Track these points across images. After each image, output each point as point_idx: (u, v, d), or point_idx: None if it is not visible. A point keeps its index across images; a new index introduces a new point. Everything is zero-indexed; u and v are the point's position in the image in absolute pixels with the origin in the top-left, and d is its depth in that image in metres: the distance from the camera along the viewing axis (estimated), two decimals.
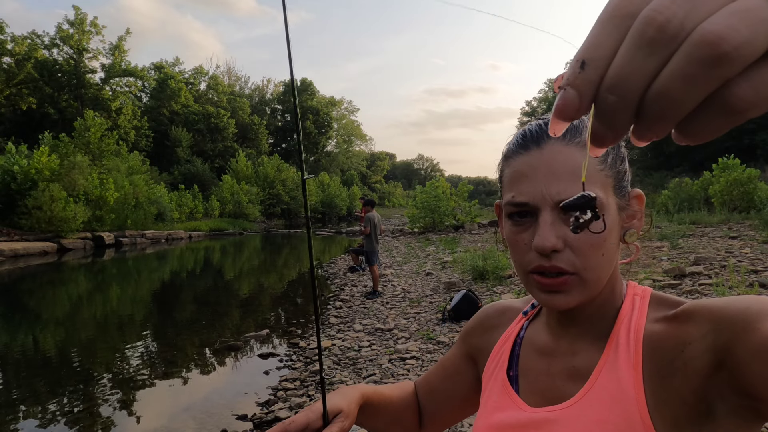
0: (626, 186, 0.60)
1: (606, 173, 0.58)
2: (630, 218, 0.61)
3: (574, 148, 0.57)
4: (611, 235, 0.57)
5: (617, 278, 0.62)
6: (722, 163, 14.66)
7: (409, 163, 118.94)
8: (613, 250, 0.58)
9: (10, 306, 9.36)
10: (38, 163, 18.86)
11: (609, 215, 0.57)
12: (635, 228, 0.61)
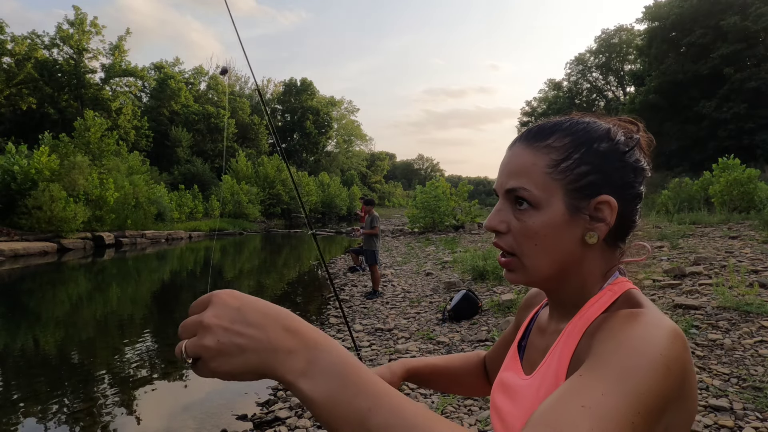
0: (590, 190, 0.64)
1: (554, 176, 0.64)
2: (595, 221, 0.65)
3: (531, 150, 0.66)
4: (555, 232, 0.64)
5: (589, 274, 0.68)
6: (722, 163, 14.65)
7: (409, 163, 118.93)
8: (556, 244, 0.64)
9: (10, 306, 9.36)
10: (38, 163, 18.86)
11: (547, 212, 0.64)
12: (598, 231, 0.64)
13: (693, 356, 3.77)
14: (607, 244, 0.68)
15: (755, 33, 22.16)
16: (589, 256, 0.67)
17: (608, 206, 0.64)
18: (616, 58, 44.80)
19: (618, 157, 0.66)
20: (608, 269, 0.69)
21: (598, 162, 0.65)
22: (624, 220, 0.68)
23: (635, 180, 0.67)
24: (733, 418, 2.85)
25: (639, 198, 0.69)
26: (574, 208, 0.64)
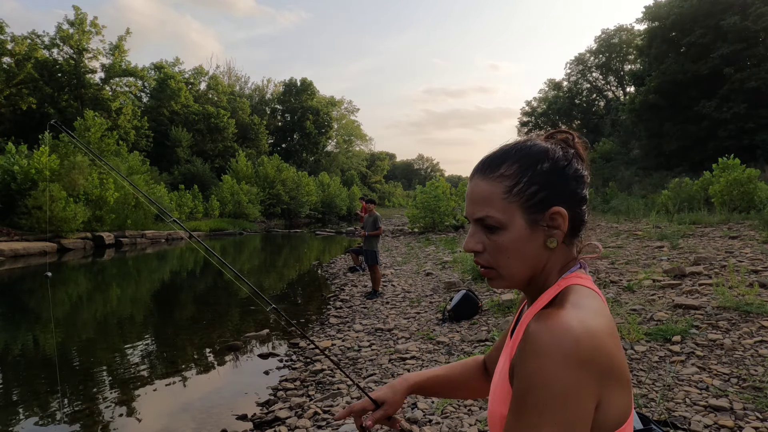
0: (542, 205, 0.77)
1: (510, 200, 0.76)
2: (552, 229, 0.77)
3: (487, 181, 0.78)
4: (520, 244, 0.77)
5: (550, 271, 0.80)
6: (722, 163, 14.64)
7: (409, 163, 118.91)
8: (524, 254, 0.77)
9: (10, 306, 9.36)
10: (38, 163, 18.85)
11: (512, 230, 0.76)
12: (556, 236, 0.77)
13: (693, 356, 3.77)
14: (564, 243, 0.80)
15: (755, 33, 22.14)
16: (551, 256, 0.79)
17: (560, 215, 0.76)
18: (616, 58, 44.76)
19: (559, 172, 0.78)
20: (564, 264, 0.81)
21: (543, 180, 0.77)
22: (575, 221, 0.80)
23: (578, 187, 0.79)
24: (733, 418, 2.85)
25: (584, 201, 0.81)
26: (533, 222, 0.77)
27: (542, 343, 0.64)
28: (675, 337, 4.13)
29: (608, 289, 6.17)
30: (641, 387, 3.39)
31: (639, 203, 18.24)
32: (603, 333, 0.67)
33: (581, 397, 0.62)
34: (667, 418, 2.89)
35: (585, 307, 0.71)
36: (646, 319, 4.77)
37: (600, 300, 0.76)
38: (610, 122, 39.97)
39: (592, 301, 0.73)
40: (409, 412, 3.52)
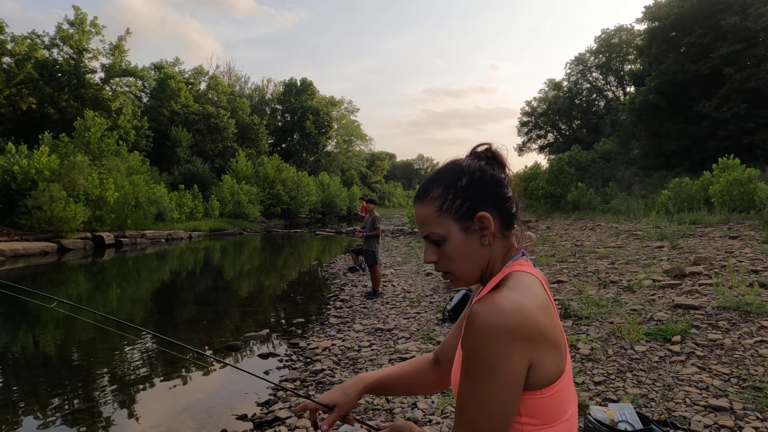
0: (469, 213, 0.92)
1: (443, 216, 0.93)
2: (482, 230, 0.92)
3: (423, 205, 0.96)
4: (463, 249, 0.93)
5: (494, 263, 0.95)
6: (722, 163, 14.64)
7: (409, 163, 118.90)
8: (467, 256, 0.93)
9: (10, 306, 9.36)
10: (38, 163, 18.85)
11: (452, 240, 0.93)
12: (487, 235, 0.92)
13: (693, 356, 3.77)
14: (500, 237, 0.95)
15: (755, 33, 22.12)
16: (491, 251, 0.94)
17: (485, 218, 0.92)
18: (616, 58, 44.75)
19: (476, 182, 0.94)
20: (505, 254, 0.96)
21: (465, 193, 0.93)
22: (503, 217, 0.95)
23: (496, 189, 0.95)
24: (733, 418, 2.85)
25: (507, 198, 0.96)
26: (465, 228, 0.93)
27: (478, 320, 0.79)
28: (675, 337, 4.13)
29: (608, 289, 6.17)
30: (641, 387, 3.39)
31: (639, 203, 18.24)
32: (531, 307, 0.81)
33: (512, 362, 0.78)
34: (667, 418, 2.89)
35: (518, 288, 0.86)
36: (646, 319, 4.77)
37: (536, 281, 0.90)
38: (610, 122, 39.94)
39: (527, 282, 0.88)
40: (409, 412, 3.52)
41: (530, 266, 0.94)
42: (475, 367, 0.79)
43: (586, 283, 6.67)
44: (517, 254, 0.97)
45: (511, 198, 0.97)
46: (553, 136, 53.41)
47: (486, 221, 0.91)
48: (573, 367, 3.83)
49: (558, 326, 0.87)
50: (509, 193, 0.96)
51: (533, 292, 0.86)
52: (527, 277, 0.90)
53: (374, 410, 3.71)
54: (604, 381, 3.54)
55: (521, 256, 0.96)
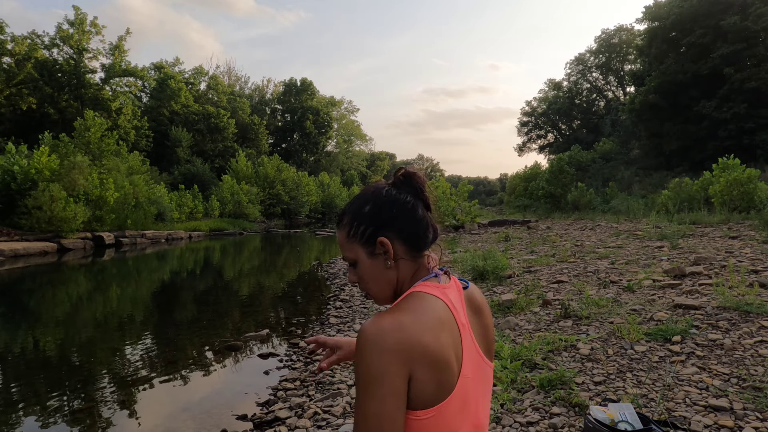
0: (372, 238, 0.98)
1: (351, 241, 1.00)
2: (384, 254, 0.98)
3: (339, 231, 1.04)
4: (371, 271, 1.01)
5: (402, 284, 1.01)
6: (722, 163, 14.64)
7: (409, 163, 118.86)
8: (376, 278, 1.01)
9: (10, 306, 9.36)
10: (38, 163, 18.85)
11: (362, 263, 1.01)
12: (389, 259, 0.98)
13: (693, 356, 3.77)
14: (409, 258, 0.99)
15: (755, 33, 22.13)
16: (398, 273, 1.00)
17: (385, 243, 0.97)
18: (616, 58, 44.77)
19: (379, 209, 0.99)
20: (414, 275, 1.00)
21: (368, 219, 0.99)
22: (410, 240, 0.99)
23: (401, 213, 0.98)
24: (733, 418, 2.85)
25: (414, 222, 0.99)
26: (370, 253, 0.99)
27: (361, 337, 0.85)
28: (675, 337, 4.13)
29: (608, 289, 6.17)
30: (641, 387, 3.39)
31: (639, 203, 18.25)
32: (413, 326, 0.85)
33: (390, 377, 0.82)
34: (667, 418, 2.89)
35: (407, 309, 0.89)
36: (646, 319, 4.77)
37: (436, 302, 0.92)
38: (610, 122, 39.96)
39: (422, 303, 0.91)
40: None
41: (437, 287, 0.96)
42: (361, 383, 0.83)
43: (586, 283, 6.68)
44: (428, 275, 0.99)
45: (421, 221, 0.99)
46: (553, 136, 53.43)
47: (386, 246, 0.97)
48: (573, 367, 3.84)
49: (449, 347, 0.88)
50: (419, 217, 0.99)
51: (422, 312, 0.89)
52: (427, 297, 0.92)
53: None
54: (604, 381, 3.55)
55: (432, 277, 0.99)
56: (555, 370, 3.77)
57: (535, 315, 5.51)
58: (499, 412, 3.30)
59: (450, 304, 0.94)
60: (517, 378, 3.76)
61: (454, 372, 0.89)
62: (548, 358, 4.08)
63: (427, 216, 1.01)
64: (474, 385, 0.94)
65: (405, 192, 1.01)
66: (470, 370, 0.93)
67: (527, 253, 10.72)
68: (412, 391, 0.84)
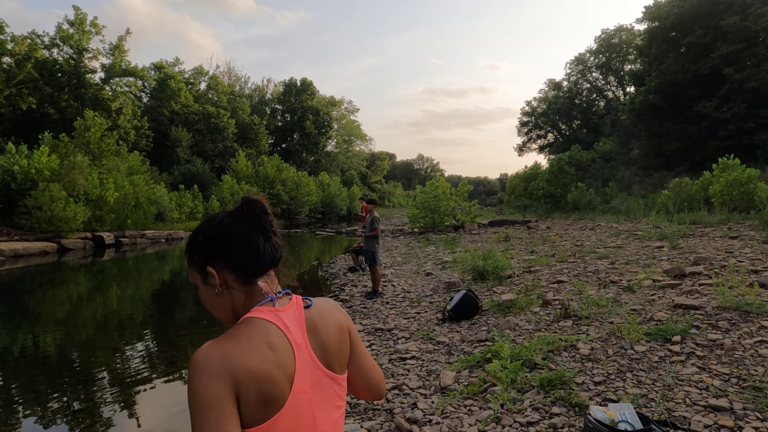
0: (202, 267, 1.04)
1: (191, 268, 1.07)
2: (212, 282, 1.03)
3: (185, 258, 1.10)
4: (206, 297, 1.07)
5: (238, 309, 1.05)
6: (722, 163, 14.65)
7: (409, 163, 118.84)
8: (212, 303, 1.06)
9: (10, 306, 9.36)
10: (38, 163, 18.85)
11: (200, 288, 1.06)
12: (215, 287, 1.03)
13: (693, 356, 3.77)
14: (239, 286, 1.03)
15: (755, 33, 22.13)
16: (232, 299, 1.04)
17: (210, 273, 1.02)
18: (616, 58, 44.77)
19: (210, 240, 1.04)
20: (247, 301, 1.04)
21: (200, 250, 1.05)
22: (240, 269, 1.03)
23: (232, 243, 1.03)
24: (733, 418, 2.85)
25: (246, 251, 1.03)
26: (204, 280, 1.04)
27: (191, 366, 0.91)
28: (675, 337, 4.13)
29: (608, 289, 6.17)
30: (641, 387, 3.39)
31: (639, 203, 18.25)
32: (238, 351, 0.91)
33: (219, 401, 0.88)
34: (667, 418, 2.89)
35: (235, 335, 0.95)
36: (646, 319, 4.77)
37: (264, 326, 0.97)
38: (610, 122, 39.96)
39: (250, 328, 0.96)
40: (409, 412, 3.52)
41: (271, 311, 1.01)
42: (194, 408, 0.89)
43: (586, 283, 6.68)
44: (264, 299, 1.03)
45: (252, 250, 1.03)
46: (553, 136, 53.43)
47: (212, 275, 1.02)
48: (573, 367, 3.84)
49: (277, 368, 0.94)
50: (251, 245, 1.03)
51: (250, 337, 0.94)
52: (257, 322, 0.97)
53: (374, 410, 3.71)
54: (604, 381, 3.55)
55: (268, 301, 1.03)
56: (555, 370, 3.77)
57: (535, 315, 5.51)
58: (499, 412, 3.31)
59: (283, 326, 1.00)
60: (517, 378, 3.76)
61: (284, 390, 0.95)
62: (548, 358, 4.08)
63: (264, 243, 1.04)
64: (310, 399, 1.00)
65: (244, 221, 1.06)
66: (305, 386, 0.99)
67: (527, 253, 10.72)
68: (242, 412, 0.90)
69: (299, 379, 0.98)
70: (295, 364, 0.98)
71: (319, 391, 1.03)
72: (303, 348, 1.02)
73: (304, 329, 1.04)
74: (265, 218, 1.07)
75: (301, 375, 0.99)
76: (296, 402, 0.97)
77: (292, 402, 0.96)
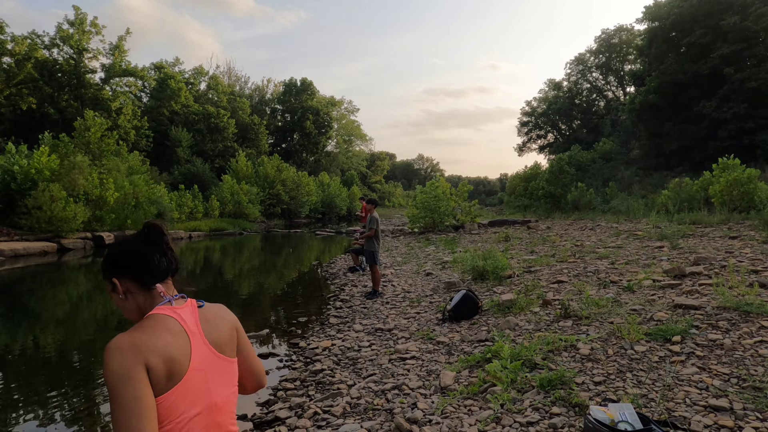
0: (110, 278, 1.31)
1: (106, 282, 1.32)
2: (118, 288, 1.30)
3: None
4: (116, 301, 1.32)
5: (144, 310, 1.29)
6: (722, 163, 14.64)
7: (409, 163, 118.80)
8: (122, 306, 1.32)
9: (10, 306, 9.35)
10: (38, 163, 18.85)
11: (113, 296, 1.32)
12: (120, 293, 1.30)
13: (693, 356, 3.77)
14: (140, 291, 1.30)
15: (755, 33, 22.12)
16: (136, 303, 1.30)
17: (115, 283, 1.30)
18: (616, 58, 44.75)
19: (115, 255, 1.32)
20: (150, 303, 1.29)
21: (107, 263, 1.32)
22: (140, 279, 1.29)
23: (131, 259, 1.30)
24: (733, 418, 2.85)
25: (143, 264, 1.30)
26: (112, 288, 1.31)
27: (105, 352, 1.13)
28: (675, 337, 4.13)
29: (608, 289, 6.17)
30: (641, 387, 3.39)
31: (639, 203, 18.24)
32: (144, 335, 1.17)
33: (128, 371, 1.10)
34: (667, 418, 2.89)
35: (140, 326, 1.20)
36: (646, 319, 4.77)
37: (164, 319, 1.23)
38: (610, 122, 39.96)
39: (153, 321, 1.22)
40: (409, 412, 3.52)
41: (169, 308, 1.27)
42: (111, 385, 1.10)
43: (586, 283, 6.68)
44: (163, 301, 1.29)
45: (149, 263, 1.30)
46: (553, 136, 53.41)
47: (116, 284, 1.29)
48: (573, 367, 3.84)
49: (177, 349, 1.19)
50: (147, 260, 1.30)
51: (152, 326, 1.20)
52: (159, 316, 1.23)
53: (374, 410, 3.71)
54: (604, 381, 3.55)
55: (166, 302, 1.28)
56: (555, 370, 3.77)
57: (535, 315, 5.51)
58: (499, 412, 3.31)
59: (180, 318, 1.26)
60: (517, 378, 3.76)
61: (183, 366, 1.19)
62: (548, 358, 4.08)
63: (159, 257, 1.31)
64: (206, 375, 1.25)
65: (143, 241, 1.33)
66: (201, 364, 1.24)
67: (527, 253, 10.71)
68: (151, 382, 1.13)
69: (195, 359, 1.23)
70: (191, 348, 1.23)
71: (215, 369, 1.29)
72: (197, 335, 1.27)
73: (197, 321, 1.30)
74: (161, 238, 1.34)
75: (197, 356, 1.24)
76: (193, 377, 1.22)
77: (190, 377, 1.21)
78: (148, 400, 1.11)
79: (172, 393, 1.16)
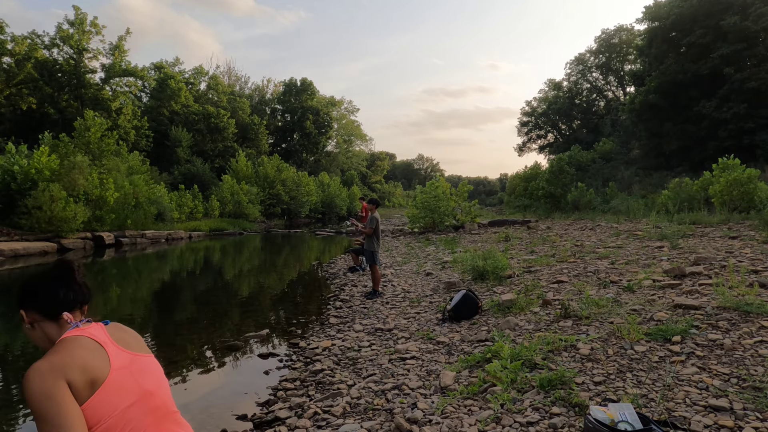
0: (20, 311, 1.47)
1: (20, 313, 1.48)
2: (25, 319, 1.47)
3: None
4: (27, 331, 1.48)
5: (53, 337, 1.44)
6: (722, 163, 14.64)
7: (409, 163, 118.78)
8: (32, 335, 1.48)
9: (10, 306, 9.35)
10: (38, 163, 18.84)
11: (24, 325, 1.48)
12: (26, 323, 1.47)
13: (693, 356, 3.77)
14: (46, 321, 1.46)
15: (755, 33, 22.11)
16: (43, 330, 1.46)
17: (21, 314, 1.46)
18: (616, 58, 44.74)
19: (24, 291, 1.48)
20: (59, 330, 1.45)
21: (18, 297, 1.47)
22: (45, 310, 1.46)
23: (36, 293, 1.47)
24: (733, 418, 2.85)
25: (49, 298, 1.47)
26: (22, 319, 1.47)
27: (25, 380, 1.24)
28: (675, 337, 4.13)
29: (608, 289, 6.17)
30: (641, 387, 3.39)
31: (639, 203, 18.24)
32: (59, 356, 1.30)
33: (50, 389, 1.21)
34: (667, 418, 2.89)
35: (53, 350, 1.33)
36: (646, 319, 4.77)
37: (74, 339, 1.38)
38: (610, 122, 39.96)
39: (63, 343, 1.36)
40: (409, 412, 3.52)
41: (76, 330, 1.42)
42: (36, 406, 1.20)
43: (586, 283, 6.68)
44: (70, 327, 1.44)
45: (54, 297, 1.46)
46: (553, 136, 53.41)
47: (22, 316, 1.46)
48: (573, 367, 3.85)
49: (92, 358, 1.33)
50: (52, 294, 1.46)
51: (65, 347, 1.34)
52: (68, 339, 1.37)
53: (374, 410, 3.72)
54: (604, 381, 3.55)
55: (74, 327, 1.44)
56: (555, 370, 3.77)
57: (535, 315, 5.51)
58: (499, 412, 3.31)
59: (90, 335, 1.41)
60: (517, 378, 3.76)
61: (103, 371, 1.33)
62: (548, 358, 4.08)
63: (65, 291, 1.48)
64: (130, 371, 1.40)
65: (50, 277, 1.49)
66: (121, 364, 1.39)
67: (527, 253, 10.71)
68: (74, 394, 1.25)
69: (114, 361, 1.38)
70: (107, 354, 1.38)
71: (136, 365, 1.44)
72: (109, 343, 1.43)
73: (106, 333, 1.47)
74: (69, 274, 1.52)
75: (116, 358, 1.39)
76: (118, 375, 1.36)
77: (114, 376, 1.35)
78: (74, 412, 1.22)
79: (98, 395, 1.29)
